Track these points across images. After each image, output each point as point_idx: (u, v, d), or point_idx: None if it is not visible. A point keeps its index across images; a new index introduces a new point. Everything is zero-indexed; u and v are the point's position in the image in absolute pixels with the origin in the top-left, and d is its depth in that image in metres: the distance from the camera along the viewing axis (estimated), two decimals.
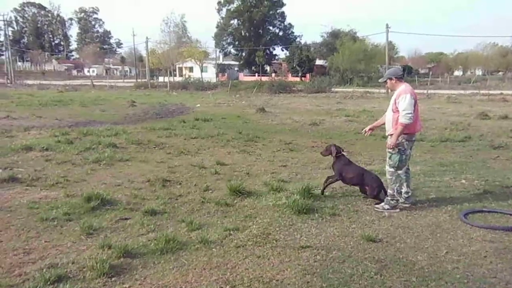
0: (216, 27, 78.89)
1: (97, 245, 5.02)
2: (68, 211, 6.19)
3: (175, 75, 70.31)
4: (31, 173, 8.43)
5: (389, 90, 7.66)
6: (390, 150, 6.42)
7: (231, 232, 5.56)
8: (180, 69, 75.97)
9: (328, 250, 5.00)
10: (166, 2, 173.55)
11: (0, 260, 4.66)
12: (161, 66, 70.09)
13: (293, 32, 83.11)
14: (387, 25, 48.94)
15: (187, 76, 65.33)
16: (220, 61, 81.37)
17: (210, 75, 69.21)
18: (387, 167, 6.55)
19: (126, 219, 6.00)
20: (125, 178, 8.35)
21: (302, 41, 79.14)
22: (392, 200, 6.51)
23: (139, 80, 68.48)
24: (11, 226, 5.68)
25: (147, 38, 67.15)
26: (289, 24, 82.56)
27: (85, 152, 10.62)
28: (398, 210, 6.45)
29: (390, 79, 6.58)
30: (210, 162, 9.89)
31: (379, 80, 7.39)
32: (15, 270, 4.44)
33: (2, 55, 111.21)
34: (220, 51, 79.81)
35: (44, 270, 4.36)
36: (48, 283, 4.10)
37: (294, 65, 70.20)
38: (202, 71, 68.51)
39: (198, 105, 27.48)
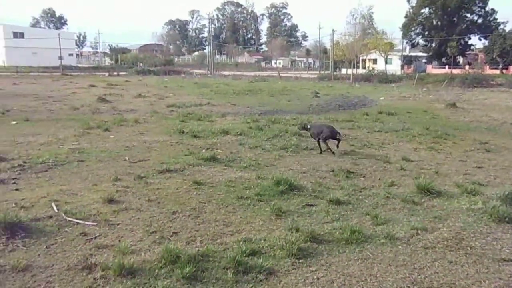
0: (405, 17, 74.90)
1: (286, 226, 5.33)
2: (260, 192, 6.71)
3: (358, 67, 69.53)
4: (228, 155, 9.38)
5: None
6: None
7: (419, 231, 5.29)
8: (364, 61, 74.74)
9: None
10: None
11: (205, 229, 5.34)
12: (345, 58, 69.94)
13: (495, 19, 73.74)
14: None
15: (370, 68, 63.97)
16: (407, 52, 77.32)
17: (395, 67, 66.41)
18: None
19: (311, 205, 6.23)
20: (310, 166, 8.64)
21: (507, 29, 69.67)
22: None
23: (322, 72, 69.81)
24: (213, 200, 6.43)
25: (333, 30, 67.94)
26: (492, 9, 73.51)
27: (273, 139, 11.32)
28: None
29: None
30: (395, 157, 9.55)
31: None
32: (217, 239, 5.03)
33: (205, 49, 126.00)
34: (407, 42, 75.73)
35: (241, 242, 4.82)
36: (244, 254, 4.52)
37: (494, 56, 62.43)
38: (386, 63, 66.18)
39: (382, 98, 26.70)
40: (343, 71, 69.25)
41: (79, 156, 9.09)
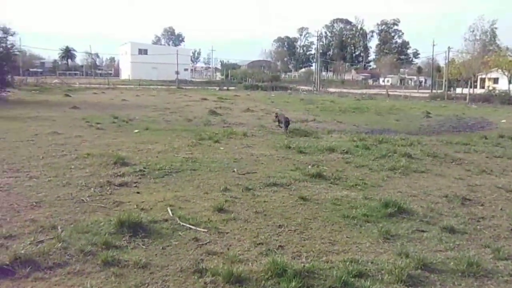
0: None
1: (395, 251, 5.13)
2: (367, 212, 6.53)
3: (475, 87, 64.64)
4: (334, 172, 9.29)
5: None
6: None
7: None
8: (482, 80, 69.28)
9: None
10: (473, 8, 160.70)
11: (311, 245, 5.34)
12: (460, 77, 65.60)
13: None
14: None
15: (490, 88, 59.03)
16: None
17: None
18: None
19: (422, 231, 5.91)
20: (421, 189, 8.21)
21: None
22: None
23: (434, 91, 66.11)
24: (318, 217, 6.41)
25: (448, 47, 64.11)
26: None
27: (381, 159, 10.97)
28: None
29: None
30: None
31: None
32: (323, 256, 5.00)
33: (311, 65, 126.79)
34: None
35: (347, 263, 4.74)
36: (351, 275, 4.43)
37: None
38: (510, 82, 60.65)
39: (504, 120, 24.47)
40: (458, 90, 64.95)
41: (192, 165, 9.66)
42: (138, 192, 7.48)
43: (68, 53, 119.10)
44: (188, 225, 5.84)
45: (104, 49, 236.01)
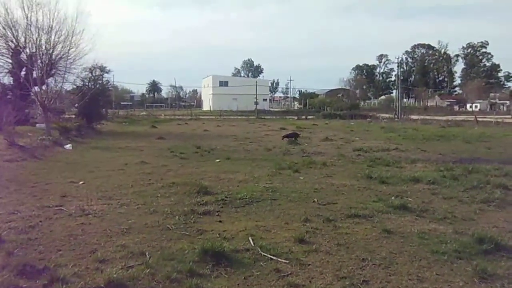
0: None
1: None
2: (458, 248, 6.10)
3: None
4: (419, 204, 8.84)
5: None
6: None
7: None
8: None
9: None
10: None
11: (397, 281, 5.08)
12: None
13: None
14: None
15: None
16: None
17: None
18: None
19: None
20: None
21: None
22: None
23: None
24: (404, 252, 6.09)
25: None
26: None
27: (472, 190, 10.27)
28: None
29: None
30: None
31: None
32: None
33: (392, 92, 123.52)
34: None
35: None
36: None
37: None
38: None
39: None
40: None
41: (272, 194, 9.71)
42: (220, 221, 7.64)
43: (154, 87, 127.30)
44: (269, 256, 5.83)
45: (187, 82, 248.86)
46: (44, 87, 25.80)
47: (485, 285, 4.99)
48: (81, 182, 11.17)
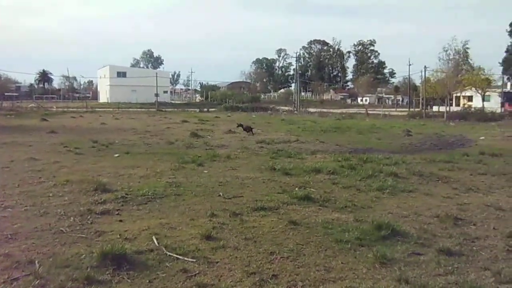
0: (506, 51, 70.61)
1: (394, 277, 4.93)
2: (360, 236, 6.33)
3: (451, 105, 65.99)
4: (322, 194, 9.11)
5: None
6: None
7: None
8: (457, 98, 70.85)
9: None
10: (446, 29, 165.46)
11: (306, 273, 5.09)
12: (436, 95, 66.91)
13: None
14: None
15: (465, 105, 60.33)
16: (508, 88, 72.15)
17: (493, 104, 61.84)
18: None
19: (418, 254, 5.73)
20: (411, 210, 8.07)
21: None
22: None
23: (411, 109, 67.18)
24: (311, 242, 6.17)
25: (424, 67, 65.37)
26: None
27: (368, 179, 10.85)
28: None
29: None
30: (509, 204, 8.62)
31: None
32: (320, 285, 4.77)
33: (290, 86, 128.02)
34: (508, 78, 70.78)
35: None
36: None
37: None
38: (483, 100, 62.16)
39: (482, 137, 24.84)
40: (435, 108, 66.10)
41: (176, 190, 9.35)
42: (120, 220, 7.14)
43: (44, 77, 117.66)
44: (175, 255, 5.54)
45: (81, 73, 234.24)
46: None
47: (385, 270, 5.20)
48: None
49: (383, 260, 5.42)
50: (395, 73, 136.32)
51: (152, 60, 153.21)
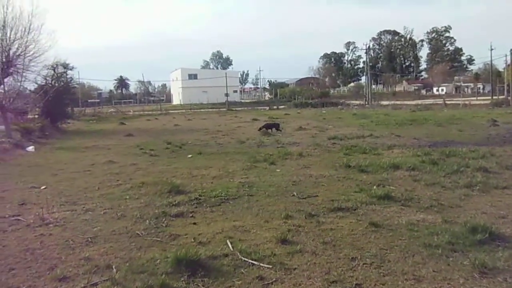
0: None
1: None
2: (451, 240, 5.71)
3: None
4: (403, 193, 8.47)
5: None
6: None
7: None
8: None
9: None
10: None
11: (392, 282, 4.62)
12: None
13: None
14: None
15: None
16: None
17: None
18: None
19: None
20: (508, 209, 7.23)
21: None
22: None
23: (495, 97, 62.54)
24: (395, 247, 5.65)
25: (511, 51, 60.71)
26: None
27: (453, 175, 9.99)
28: None
29: None
30: None
31: None
32: None
33: (360, 79, 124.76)
34: None
35: None
36: None
37: None
38: None
39: None
40: None
41: (248, 190, 9.16)
42: (194, 223, 7.05)
43: (122, 83, 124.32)
44: (250, 261, 5.29)
45: (156, 77, 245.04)
46: (1, 87, 24.36)
47: (486, 280, 4.59)
48: (42, 187, 10.32)
49: (483, 269, 4.79)
50: (473, 60, 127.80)
51: (222, 61, 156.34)
